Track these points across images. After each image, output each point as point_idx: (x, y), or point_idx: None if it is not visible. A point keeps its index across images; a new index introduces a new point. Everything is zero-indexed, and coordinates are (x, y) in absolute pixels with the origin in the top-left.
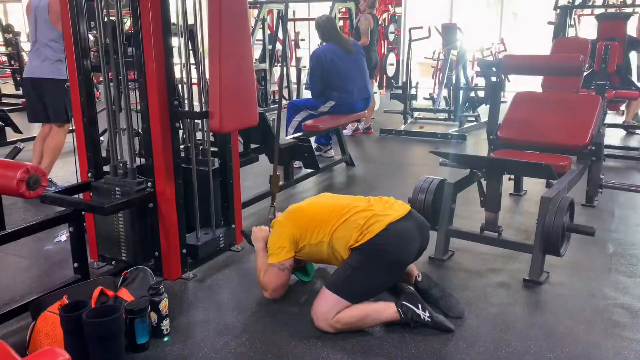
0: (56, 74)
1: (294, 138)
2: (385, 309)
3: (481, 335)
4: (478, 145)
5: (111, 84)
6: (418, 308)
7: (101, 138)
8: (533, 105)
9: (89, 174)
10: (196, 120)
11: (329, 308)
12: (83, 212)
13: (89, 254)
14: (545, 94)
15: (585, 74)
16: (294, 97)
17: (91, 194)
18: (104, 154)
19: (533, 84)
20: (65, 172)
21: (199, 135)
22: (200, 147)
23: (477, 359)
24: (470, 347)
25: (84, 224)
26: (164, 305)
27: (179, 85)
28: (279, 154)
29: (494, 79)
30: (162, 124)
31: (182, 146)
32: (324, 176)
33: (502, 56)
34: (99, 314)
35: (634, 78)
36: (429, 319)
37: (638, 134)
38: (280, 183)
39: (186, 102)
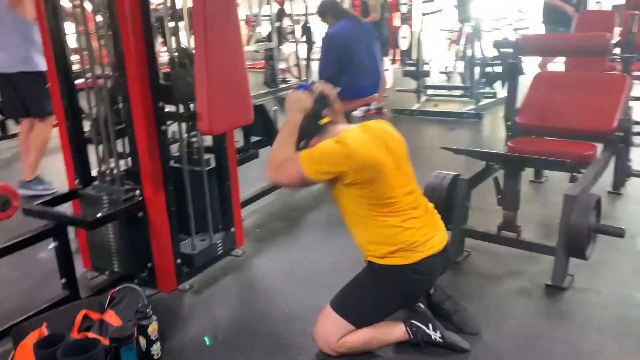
0: (28, 66)
1: None
2: (394, 330)
3: (500, 355)
4: (495, 126)
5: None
6: (429, 328)
7: None
8: (554, 87)
9: (76, 181)
10: None
11: (332, 332)
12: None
13: (82, 263)
14: (567, 74)
15: None
16: (304, 76)
17: (80, 203)
18: None
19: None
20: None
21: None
22: (195, 145)
23: None
24: None
25: (70, 238)
26: (152, 328)
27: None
28: None
29: (511, 60)
30: (147, 127)
31: (173, 144)
32: None
33: (520, 36)
34: (77, 350)
35: None
36: (441, 340)
37: None
38: None
39: None
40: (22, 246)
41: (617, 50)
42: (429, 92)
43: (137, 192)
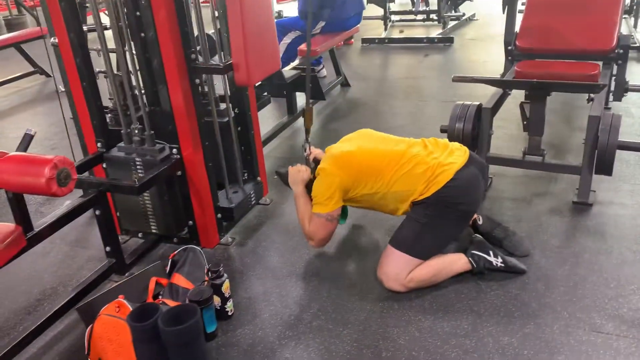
0: None
1: (295, 68)
2: (457, 261)
3: (555, 274)
4: (466, 48)
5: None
6: (490, 255)
7: None
8: (551, 8)
9: (99, 144)
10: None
11: (400, 269)
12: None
13: None
14: None
15: None
16: None
17: (105, 167)
18: None
19: None
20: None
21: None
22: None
23: (561, 300)
24: (549, 289)
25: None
26: (226, 287)
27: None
28: (283, 87)
29: None
30: (181, 82)
31: None
32: (324, 103)
33: None
34: (175, 318)
35: None
36: (502, 264)
37: None
38: (284, 118)
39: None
40: (69, 219)
41: None
42: (393, 17)
43: (174, 150)
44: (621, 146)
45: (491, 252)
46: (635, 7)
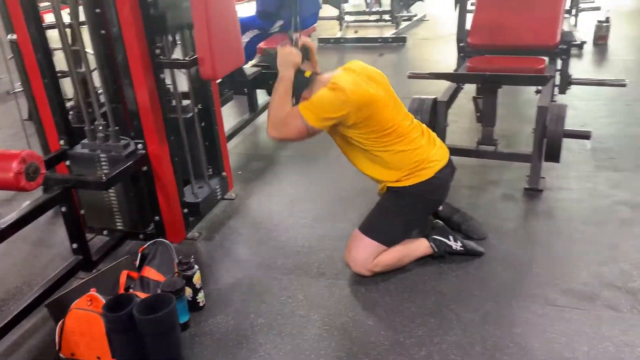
0: None
1: (256, 66)
2: (419, 246)
3: (510, 254)
4: (418, 47)
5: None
6: (450, 240)
7: None
8: (499, 6)
9: (62, 142)
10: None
11: (368, 254)
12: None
13: None
14: None
15: None
16: None
17: (69, 165)
18: None
19: None
20: None
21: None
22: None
23: (517, 278)
24: (505, 268)
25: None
26: (197, 278)
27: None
28: (244, 85)
29: None
30: (146, 77)
31: None
32: None
33: None
34: (150, 307)
35: None
36: (462, 248)
37: None
38: (246, 115)
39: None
40: (34, 217)
41: None
42: (347, 18)
43: (140, 146)
44: (567, 134)
45: (451, 237)
46: (575, 6)
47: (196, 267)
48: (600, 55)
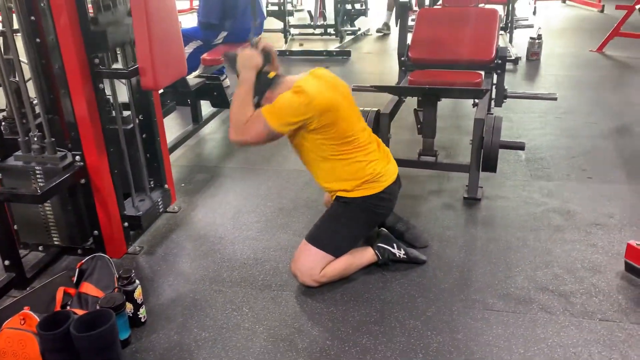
0: None
1: (199, 77)
2: (365, 254)
3: (451, 261)
4: (362, 61)
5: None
6: (393, 247)
7: None
8: (437, 23)
9: None
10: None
11: (314, 264)
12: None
13: None
14: (446, 10)
15: None
16: None
17: (0, 178)
18: None
19: None
20: None
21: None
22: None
23: (458, 284)
24: (447, 275)
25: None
26: (138, 293)
27: None
28: (187, 95)
29: None
30: (84, 87)
31: None
32: (228, 111)
33: None
34: (89, 324)
35: None
36: (405, 256)
37: None
38: (189, 126)
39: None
40: None
41: None
42: (292, 31)
43: (77, 157)
44: (503, 145)
45: (395, 245)
46: (509, 24)
47: (137, 281)
48: (533, 70)
